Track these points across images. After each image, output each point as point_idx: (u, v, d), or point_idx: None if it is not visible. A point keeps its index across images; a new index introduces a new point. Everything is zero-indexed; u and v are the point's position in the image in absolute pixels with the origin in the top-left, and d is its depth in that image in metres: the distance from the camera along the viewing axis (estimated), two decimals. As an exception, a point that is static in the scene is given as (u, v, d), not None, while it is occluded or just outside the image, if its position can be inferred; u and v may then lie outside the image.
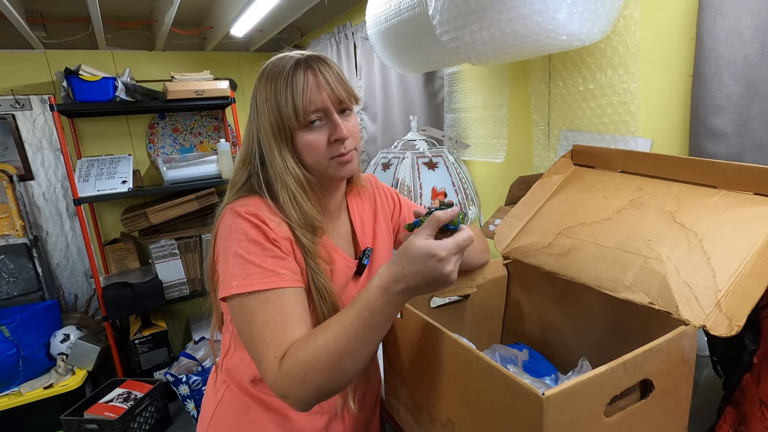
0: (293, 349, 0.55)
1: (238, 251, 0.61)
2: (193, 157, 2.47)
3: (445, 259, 0.52)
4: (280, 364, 0.55)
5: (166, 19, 1.95)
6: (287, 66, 0.64)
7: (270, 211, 0.65)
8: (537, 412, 0.44)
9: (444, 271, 0.52)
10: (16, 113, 2.25)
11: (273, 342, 0.56)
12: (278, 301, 0.59)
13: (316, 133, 0.65)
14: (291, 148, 0.66)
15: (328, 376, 0.54)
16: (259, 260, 0.60)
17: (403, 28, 1.14)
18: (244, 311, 0.59)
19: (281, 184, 0.65)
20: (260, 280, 0.59)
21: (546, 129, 1.21)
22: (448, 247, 0.52)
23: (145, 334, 2.32)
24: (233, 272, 0.60)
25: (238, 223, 0.62)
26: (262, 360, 0.57)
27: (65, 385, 2.02)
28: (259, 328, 0.58)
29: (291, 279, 0.61)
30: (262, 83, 0.66)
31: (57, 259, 2.45)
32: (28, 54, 2.24)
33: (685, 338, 0.55)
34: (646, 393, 0.54)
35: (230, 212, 0.64)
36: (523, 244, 0.86)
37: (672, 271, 0.64)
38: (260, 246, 0.61)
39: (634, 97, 0.98)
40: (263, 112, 0.66)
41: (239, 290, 0.59)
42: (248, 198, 0.66)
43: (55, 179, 2.39)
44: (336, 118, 0.66)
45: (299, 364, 0.54)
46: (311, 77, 0.64)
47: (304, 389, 0.54)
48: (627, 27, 0.95)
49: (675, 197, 0.74)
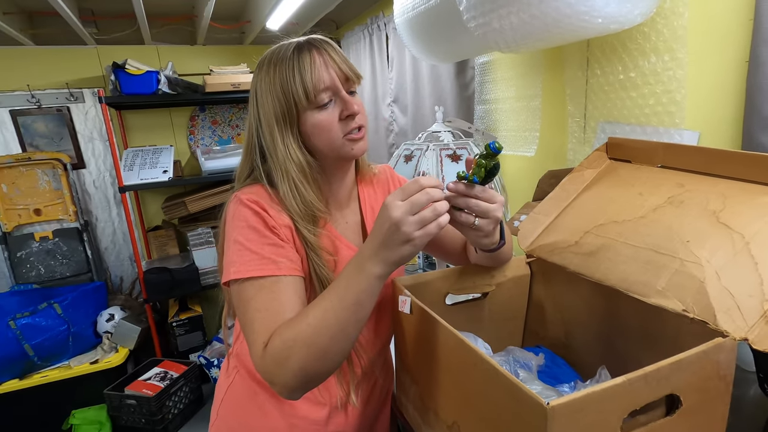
0: (278, 331, 0.56)
1: (238, 238, 0.61)
2: (230, 149, 2.54)
3: (390, 204, 0.51)
4: (266, 348, 0.55)
5: (205, 14, 2.01)
6: (290, 50, 0.64)
7: (271, 199, 0.65)
8: (541, 422, 0.41)
9: (393, 216, 0.50)
10: (71, 105, 2.41)
11: (262, 328, 0.57)
12: (272, 288, 0.59)
13: (327, 112, 0.64)
14: (296, 133, 0.66)
15: (309, 356, 0.53)
16: (256, 247, 0.60)
17: (430, 15, 1.10)
18: (240, 296, 0.60)
19: (282, 173, 0.65)
20: (256, 267, 0.59)
21: (582, 121, 1.13)
22: (394, 193, 0.52)
23: (182, 317, 2.43)
24: (232, 258, 0.61)
25: (240, 210, 0.63)
26: (252, 345, 0.57)
27: (109, 361, 2.15)
28: (252, 313, 0.58)
29: (287, 267, 0.61)
30: (263, 73, 0.66)
31: (105, 244, 2.61)
32: (81, 49, 2.38)
33: (722, 352, 0.50)
34: (673, 409, 0.49)
35: (234, 200, 0.65)
36: (549, 242, 0.81)
37: (712, 277, 0.58)
38: (259, 233, 0.61)
39: (680, 85, 0.90)
40: (265, 101, 0.65)
41: (236, 276, 0.59)
42: (252, 186, 0.67)
43: (104, 168, 2.53)
44: (345, 95, 0.65)
45: (282, 341, 0.54)
46: (317, 56, 0.63)
47: (286, 369, 0.54)
48: (674, 8, 0.87)
49: (721, 195, 0.66)
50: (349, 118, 0.65)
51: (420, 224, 0.51)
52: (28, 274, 2.37)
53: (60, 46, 2.33)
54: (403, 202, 0.51)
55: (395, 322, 0.74)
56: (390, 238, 0.51)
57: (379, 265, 0.53)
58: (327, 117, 0.64)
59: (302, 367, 0.54)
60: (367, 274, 0.53)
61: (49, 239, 2.40)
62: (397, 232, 0.51)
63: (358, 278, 0.54)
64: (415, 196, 0.51)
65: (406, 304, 0.66)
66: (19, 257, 2.35)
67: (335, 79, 0.64)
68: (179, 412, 2.14)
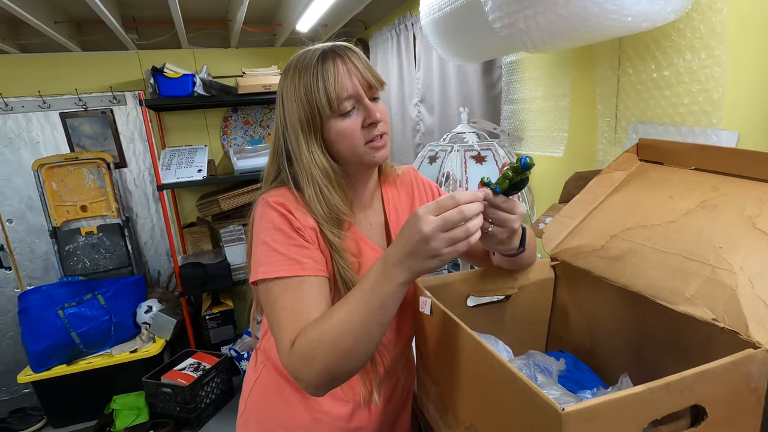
0: (304, 330, 0.58)
1: (266, 239, 0.64)
2: (261, 148, 2.61)
3: (422, 218, 0.51)
4: (292, 346, 0.57)
5: (238, 18, 2.07)
6: (314, 57, 0.65)
7: (297, 202, 0.67)
8: (556, 428, 0.41)
9: (422, 231, 0.51)
10: (114, 108, 2.54)
11: (289, 326, 0.59)
12: (298, 288, 0.61)
13: (350, 119, 0.66)
14: (320, 140, 0.67)
15: (333, 355, 0.55)
16: (283, 248, 0.63)
17: (456, 16, 1.10)
18: (268, 296, 0.62)
19: (307, 178, 0.67)
20: (283, 268, 0.61)
21: (612, 121, 1.10)
22: (429, 205, 0.52)
23: (215, 311, 2.52)
24: (260, 259, 0.63)
25: (267, 213, 0.65)
26: (279, 343, 0.60)
27: (147, 351, 2.27)
28: (279, 312, 0.60)
29: (312, 268, 0.63)
30: (288, 79, 0.68)
31: (144, 239, 2.74)
32: (123, 54, 2.51)
33: (753, 363, 0.48)
34: (698, 421, 0.47)
35: (262, 203, 0.67)
36: (574, 245, 0.79)
37: (745, 285, 0.55)
38: (285, 234, 0.64)
39: (717, 84, 0.86)
40: (290, 106, 0.67)
41: (264, 276, 0.62)
42: (279, 189, 0.69)
43: (144, 167, 2.66)
44: (368, 103, 0.66)
45: (307, 341, 0.56)
46: (340, 64, 0.65)
47: (312, 368, 0.56)
48: (712, 4, 0.83)
49: (758, 200, 0.64)
50: (372, 126, 0.67)
51: (450, 242, 0.51)
52: (75, 267, 2.52)
53: (104, 52, 2.46)
54: (436, 218, 0.51)
55: (416, 323, 0.75)
56: (418, 250, 0.52)
57: (403, 273, 0.54)
58: (350, 125, 0.66)
59: (327, 367, 0.56)
60: (392, 280, 0.54)
61: (94, 234, 2.54)
62: (425, 246, 0.51)
63: (382, 282, 0.55)
64: (450, 213, 0.51)
65: (427, 305, 0.67)
66: (67, 251, 2.50)
67: (358, 87, 0.65)
68: (211, 402, 2.23)
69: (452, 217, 0.51)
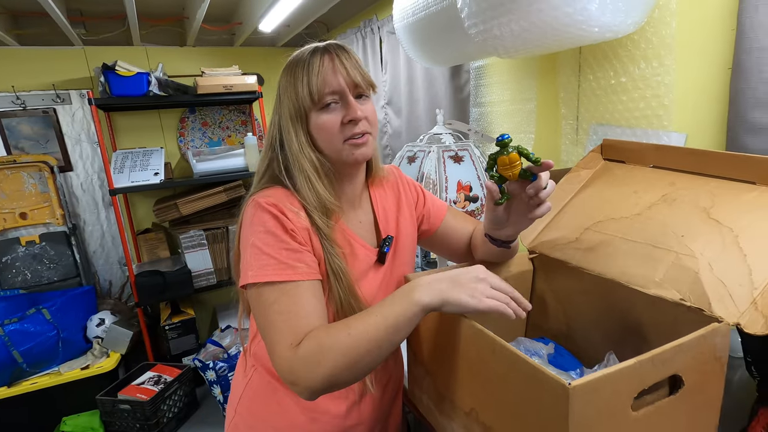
0: (314, 334, 0.58)
1: (256, 242, 0.63)
2: (221, 151, 2.53)
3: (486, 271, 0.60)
4: (296, 349, 0.57)
5: (198, 16, 2.01)
6: (306, 52, 0.68)
7: (289, 200, 0.67)
8: (563, 402, 0.44)
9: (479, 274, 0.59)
10: (57, 107, 2.36)
11: (288, 330, 0.59)
12: (293, 292, 0.61)
13: (330, 114, 0.67)
14: (306, 132, 0.69)
15: (341, 366, 0.56)
16: (274, 252, 0.62)
17: (430, 21, 1.14)
18: (259, 300, 0.62)
19: (297, 167, 0.68)
20: (274, 272, 0.61)
21: (575, 123, 1.19)
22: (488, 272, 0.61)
23: (175, 320, 2.41)
24: (250, 262, 0.62)
25: (259, 215, 0.64)
26: (276, 346, 0.59)
27: (100, 366, 2.12)
28: (274, 316, 0.60)
29: (306, 272, 0.63)
30: (284, 72, 0.70)
31: (93, 247, 2.56)
32: (68, 50, 2.34)
33: (717, 335, 0.54)
34: (675, 389, 0.53)
35: (252, 204, 0.66)
36: (550, 239, 0.85)
37: (705, 268, 0.63)
38: (276, 237, 0.63)
39: (668, 90, 0.96)
40: (284, 98, 0.69)
41: (254, 280, 0.61)
42: (270, 189, 0.69)
43: (92, 170, 2.49)
44: (351, 100, 0.67)
45: (318, 345, 0.56)
46: (327, 60, 0.67)
47: (316, 374, 0.56)
48: (662, 18, 0.93)
49: (710, 193, 0.72)
50: (351, 123, 0.67)
51: (492, 295, 0.59)
52: (14, 279, 2.31)
53: (46, 47, 2.29)
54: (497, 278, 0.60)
55: (408, 317, 0.77)
56: (464, 281, 0.58)
57: (431, 295, 0.58)
58: (329, 119, 0.67)
59: (331, 374, 0.56)
60: (416, 302, 0.57)
61: (36, 243, 2.35)
62: (474, 283, 0.58)
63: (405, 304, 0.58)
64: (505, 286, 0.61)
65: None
66: (4, 262, 2.29)
67: (342, 84, 0.66)
68: (174, 415, 2.13)
69: (505, 288, 0.61)
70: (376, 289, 0.75)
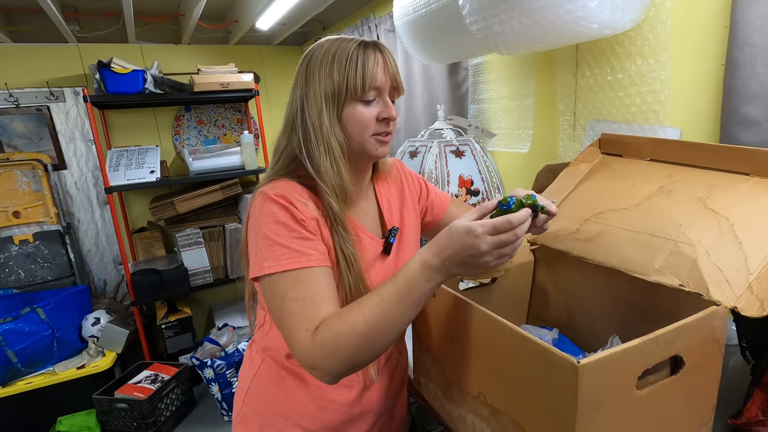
0: (328, 320, 0.59)
1: (267, 233, 0.64)
2: (217, 149, 2.53)
3: (480, 237, 0.54)
4: (313, 335, 0.58)
5: (194, 13, 2.00)
6: (352, 44, 0.68)
7: (297, 191, 0.68)
8: (572, 380, 0.46)
9: (479, 248, 0.55)
10: (51, 105, 2.34)
11: (304, 316, 0.60)
12: (306, 279, 0.62)
13: (369, 108, 0.69)
14: (339, 116, 0.69)
15: (360, 347, 0.57)
16: (286, 241, 0.63)
17: (431, 18, 1.15)
18: (274, 289, 0.63)
19: (325, 148, 0.67)
20: (288, 260, 0.62)
21: (572, 119, 1.21)
22: (485, 225, 0.55)
23: (171, 319, 2.40)
24: (263, 253, 0.63)
25: (267, 206, 0.65)
26: (294, 333, 0.60)
27: (96, 366, 2.10)
28: (289, 303, 0.61)
29: (318, 258, 0.64)
30: (319, 60, 0.68)
31: (88, 246, 2.54)
32: (62, 48, 2.32)
33: (716, 318, 0.57)
34: (677, 369, 0.55)
35: (260, 196, 0.67)
36: (551, 230, 0.87)
37: (703, 255, 0.65)
38: (287, 227, 0.64)
39: (663, 86, 0.98)
40: (316, 80, 0.68)
41: (270, 270, 0.62)
42: (277, 181, 0.69)
43: (87, 169, 2.47)
44: (388, 99, 0.70)
45: (333, 334, 0.57)
46: (380, 57, 0.69)
47: (336, 359, 0.57)
48: (658, 15, 0.95)
49: (706, 184, 0.74)
50: (385, 122, 0.70)
51: (500, 256, 0.56)
52: (8, 279, 2.29)
53: (40, 44, 2.26)
54: (493, 238, 0.55)
55: (414, 307, 0.79)
56: (469, 262, 0.56)
57: (443, 276, 0.58)
58: (367, 112, 0.69)
59: (351, 358, 0.58)
60: (431, 281, 0.58)
61: (30, 242, 2.32)
62: (478, 260, 0.56)
63: (422, 284, 0.58)
64: (505, 236, 0.55)
65: (428, 287, 0.71)
66: (-3, 262, 2.27)
67: (387, 83, 0.69)
68: (172, 414, 2.12)
69: (508, 239, 0.55)
70: (382, 279, 0.76)
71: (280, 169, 0.72)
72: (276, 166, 0.73)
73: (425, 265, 0.57)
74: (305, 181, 0.70)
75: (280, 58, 2.82)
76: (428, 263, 0.57)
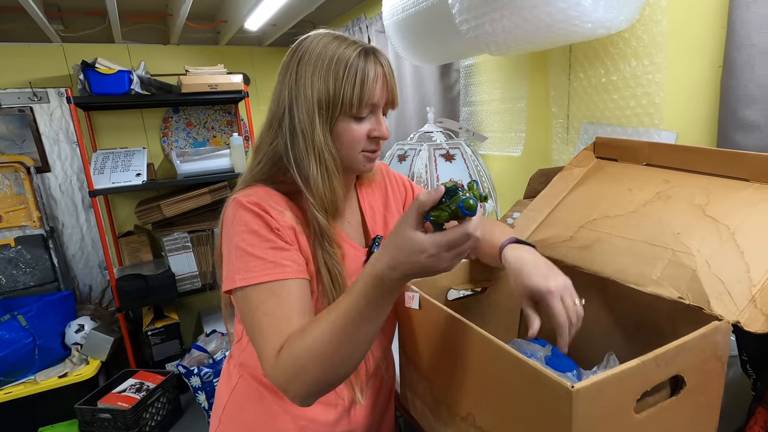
0: (290, 341, 0.55)
1: (240, 243, 0.60)
2: (206, 151, 2.48)
3: (436, 256, 0.48)
4: (277, 356, 0.54)
5: (181, 13, 1.96)
6: (352, 53, 0.62)
7: (273, 198, 0.63)
8: (566, 405, 0.42)
9: (438, 267, 0.49)
10: (34, 106, 2.28)
11: (272, 333, 0.56)
12: (279, 292, 0.58)
13: (361, 125, 0.65)
14: (331, 129, 0.65)
15: (323, 368, 0.53)
16: (260, 252, 0.59)
17: (421, 18, 1.12)
18: (246, 303, 0.59)
19: (317, 158, 0.63)
20: (262, 273, 0.58)
21: (565, 122, 1.18)
22: (439, 244, 0.48)
23: (158, 326, 2.34)
24: (236, 265, 0.59)
25: (240, 214, 0.61)
26: (262, 350, 0.56)
27: (79, 374, 2.04)
28: (260, 318, 0.57)
29: (294, 270, 0.60)
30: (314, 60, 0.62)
31: (72, 251, 2.48)
32: (45, 47, 2.26)
33: (718, 334, 0.53)
34: (677, 389, 0.52)
35: (233, 203, 0.63)
36: (544, 237, 0.84)
37: (703, 265, 0.62)
38: (261, 237, 0.60)
39: (659, 88, 0.95)
40: (308, 82, 0.62)
41: (242, 283, 0.58)
42: (251, 188, 0.65)
43: (71, 171, 2.41)
44: (381, 116, 0.66)
45: (293, 357, 0.53)
46: (380, 71, 0.64)
47: (301, 382, 0.53)
48: (653, 15, 0.93)
49: (704, 190, 0.71)
50: (375, 139, 0.67)
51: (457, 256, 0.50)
52: (-12, 285, 2.22)
53: (22, 44, 2.21)
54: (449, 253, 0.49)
55: (401, 319, 0.75)
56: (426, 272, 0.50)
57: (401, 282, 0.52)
58: (359, 129, 0.65)
59: (316, 380, 0.53)
60: (392, 290, 0.52)
61: (11, 247, 2.26)
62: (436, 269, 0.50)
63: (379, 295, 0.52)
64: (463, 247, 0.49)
65: (415, 299, 0.67)
66: (-23, 267, 2.20)
67: (382, 99, 0.65)
68: (157, 423, 2.06)
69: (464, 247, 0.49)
70: None
71: (258, 175, 0.68)
72: (255, 169, 0.68)
73: (381, 278, 0.51)
74: (282, 187, 0.66)
75: (271, 60, 2.78)
76: (384, 276, 0.50)
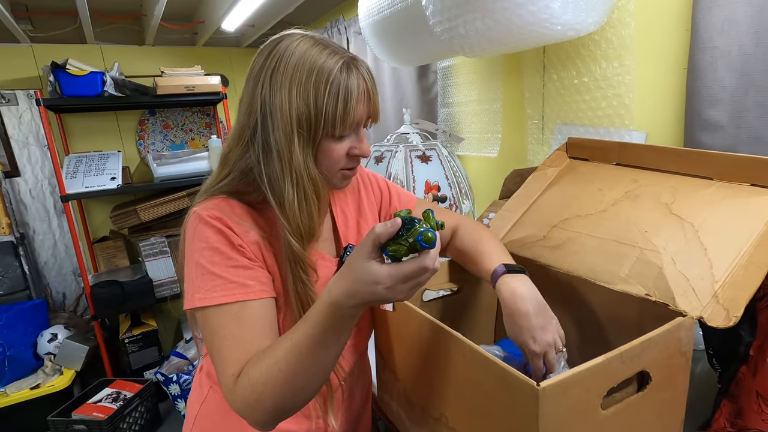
0: (247, 368, 0.53)
1: (200, 261, 0.57)
2: (184, 154, 2.43)
3: (392, 288, 0.46)
4: (236, 382, 0.53)
5: (156, 13, 1.92)
6: (334, 66, 0.57)
7: (236, 212, 0.60)
8: (533, 403, 0.43)
9: (395, 298, 0.48)
10: (2, 108, 2.20)
11: (230, 358, 0.54)
12: (240, 314, 0.56)
13: (341, 143, 0.61)
14: (315, 149, 0.60)
15: (282, 396, 0.51)
16: (221, 271, 0.56)
17: (396, 19, 1.12)
18: (207, 324, 0.57)
19: (294, 181, 0.58)
20: (222, 293, 0.56)
21: (540, 123, 1.20)
22: (395, 277, 0.46)
23: (135, 333, 2.28)
24: (196, 283, 0.57)
25: (201, 230, 0.58)
26: (221, 376, 0.55)
27: (52, 385, 1.98)
28: (220, 343, 0.55)
29: (257, 290, 0.58)
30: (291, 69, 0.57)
31: (44, 258, 2.40)
32: (13, 48, 2.19)
33: (682, 329, 0.55)
34: (643, 385, 0.52)
35: (193, 217, 0.59)
36: (518, 237, 0.84)
37: (668, 263, 0.63)
38: (222, 254, 0.57)
39: (628, 89, 0.97)
40: (285, 94, 0.57)
41: (201, 303, 0.56)
42: (212, 200, 0.61)
43: (42, 176, 2.34)
44: (363, 133, 0.63)
45: (250, 384, 0.52)
46: (363, 86, 0.59)
47: (260, 410, 0.52)
48: (621, 18, 0.95)
49: (671, 189, 0.73)
50: (356, 158, 0.64)
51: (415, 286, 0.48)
52: (-46, 295, 2.13)
53: (-12, 44, 2.13)
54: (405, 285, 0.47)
55: (376, 321, 0.74)
56: (382, 299, 0.49)
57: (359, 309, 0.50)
58: (339, 148, 0.61)
59: (274, 408, 0.52)
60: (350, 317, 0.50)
61: (-21, 255, 2.17)
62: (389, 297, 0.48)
63: (339, 322, 0.50)
64: (421, 278, 0.47)
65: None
66: (-59, 276, 2.11)
67: (364, 115, 0.61)
68: (135, 434, 2.01)
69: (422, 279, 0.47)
70: None
71: (225, 187, 0.62)
72: (221, 182, 0.63)
73: (337, 307, 0.49)
74: (247, 198, 0.62)
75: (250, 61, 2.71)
76: (341, 305, 0.49)
